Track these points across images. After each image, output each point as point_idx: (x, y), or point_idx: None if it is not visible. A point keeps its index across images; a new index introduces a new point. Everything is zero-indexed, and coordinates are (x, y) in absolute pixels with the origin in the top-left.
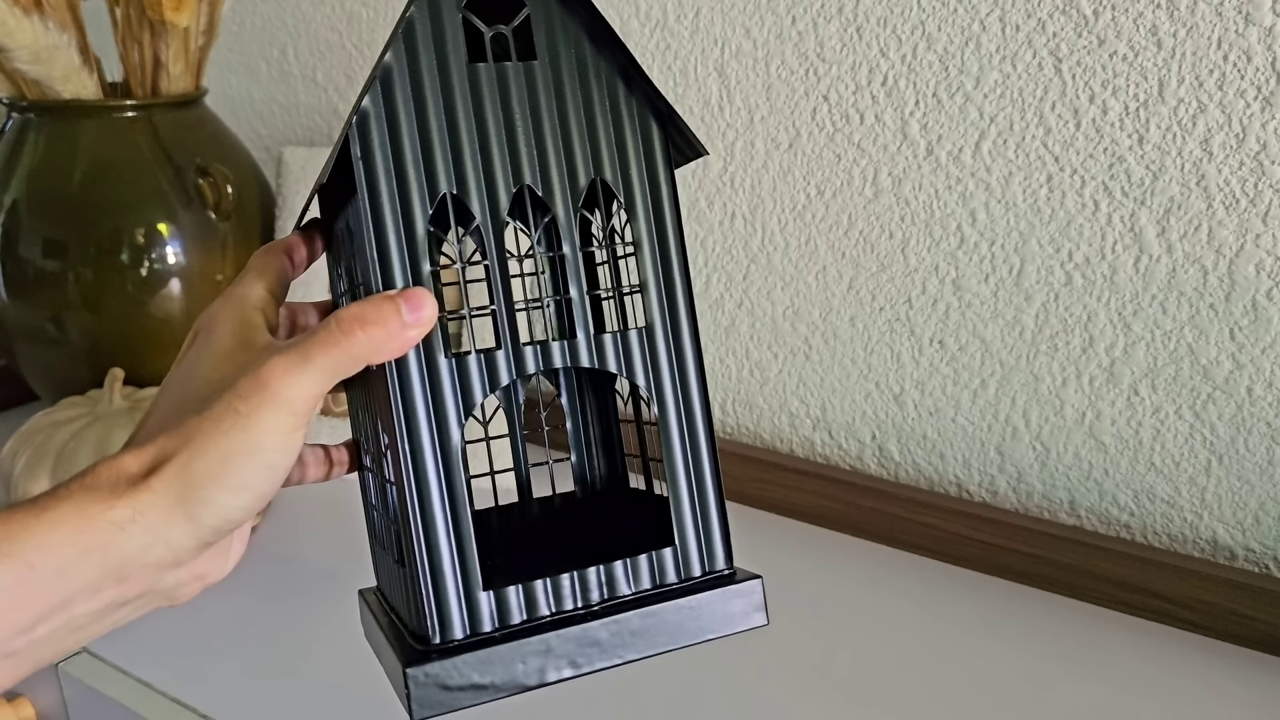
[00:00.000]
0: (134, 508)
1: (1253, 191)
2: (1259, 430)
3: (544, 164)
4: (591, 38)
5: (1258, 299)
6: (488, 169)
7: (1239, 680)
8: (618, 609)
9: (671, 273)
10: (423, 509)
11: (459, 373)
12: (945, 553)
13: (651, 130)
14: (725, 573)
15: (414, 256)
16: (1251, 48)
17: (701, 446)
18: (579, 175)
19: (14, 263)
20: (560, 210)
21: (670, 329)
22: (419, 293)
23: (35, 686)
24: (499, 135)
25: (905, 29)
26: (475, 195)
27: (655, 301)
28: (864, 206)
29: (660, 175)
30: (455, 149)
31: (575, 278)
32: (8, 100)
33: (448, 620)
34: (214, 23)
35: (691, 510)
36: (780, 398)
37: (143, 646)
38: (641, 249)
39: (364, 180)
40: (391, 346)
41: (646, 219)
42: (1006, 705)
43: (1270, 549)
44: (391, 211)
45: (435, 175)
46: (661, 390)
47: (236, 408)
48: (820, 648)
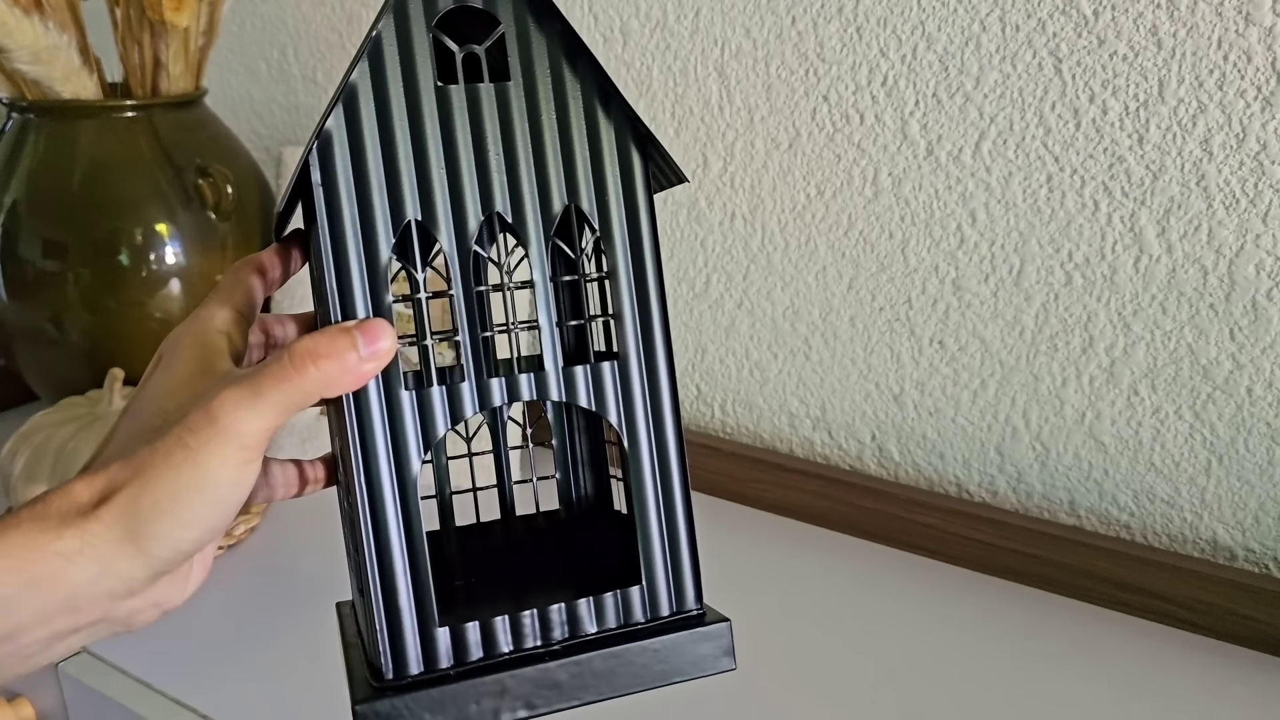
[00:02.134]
0: (81, 539)
1: (1253, 191)
2: (1259, 430)
3: (515, 190)
4: (568, 57)
5: (1258, 299)
6: (456, 195)
7: (1239, 680)
8: (579, 649)
9: (648, 303)
10: (379, 545)
11: (420, 405)
12: (945, 553)
13: (630, 155)
14: (694, 613)
15: (374, 286)
16: (1251, 48)
17: (674, 484)
18: (553, 202)
19: (14, 263)
20: (532, 238)
21: (644, 362)
22: (376, 324)
23: (35, 686)
24: (469, 160)
25: (905, 29)
26: (442, 222)
27: (630, 333)
28: (864, 206)
29: (639, 202)
30: (422, 174)
31: (545, 308)
32: (8, 100)
33: (402, 657)
34: (214, 23)
35: (661, 549)
36: (780, 398)
37: (143, 646)
38: (617, 278)
39: (324, 206)
40: (346, 380)
41: (623, 247)
42: (1006, 705)
43: (1270, 549)
44: (353, 238)
45: (400, 201)
46: (634, 426)
47: (186, 441)
48: (820, 648)
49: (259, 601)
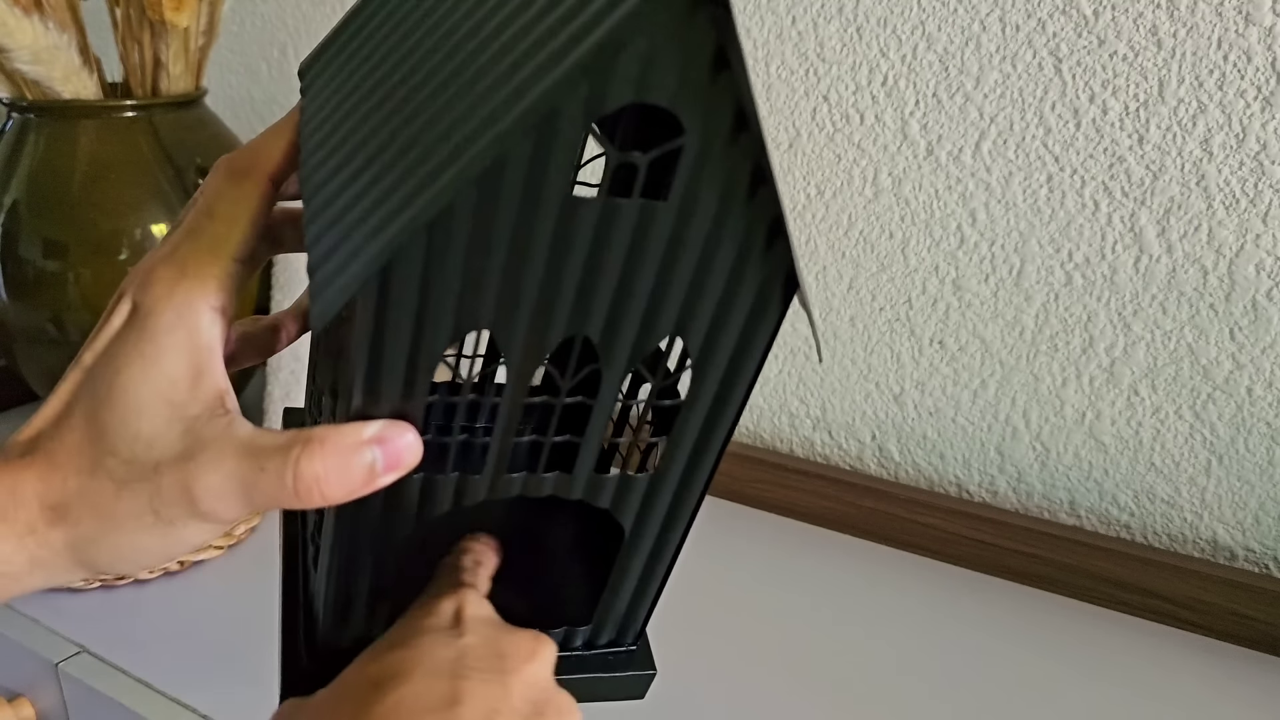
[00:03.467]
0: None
1: (1253, 191)
2: (1259, 430)
3: (617, 316)
4: (751, 185)
5: (1258, 299)
6: (543, 313)
7: (1239, 680)
8: None
9: (712, 436)
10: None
11: (424, 489)
12: (945, 553)
13: (771, 305)
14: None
15: (411, 382)
16: (1251, 48)
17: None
18: (655, 333)
19: (14, 263)
20: (615, 361)
21: (682, 484)
22: (398, 433)
23: (35, 686)
24: (574, 279)
25: (905, 29)
26: (517, 336)
27: (682, 457)
28: (864, 206)
29: (754, 350)
30: (510, 287)
31: (598, 427)
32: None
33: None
34: (214, 23)
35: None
36: (780, 398)
37: (143, 647)
38: (693, 409)
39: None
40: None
41: (713, 387)
42: (1006, 705)
43: (1270, 549)
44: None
45: (475, 310)
46: (642, 532)
47: (158, 511)
48: (820, 648)
49: (259, 601)
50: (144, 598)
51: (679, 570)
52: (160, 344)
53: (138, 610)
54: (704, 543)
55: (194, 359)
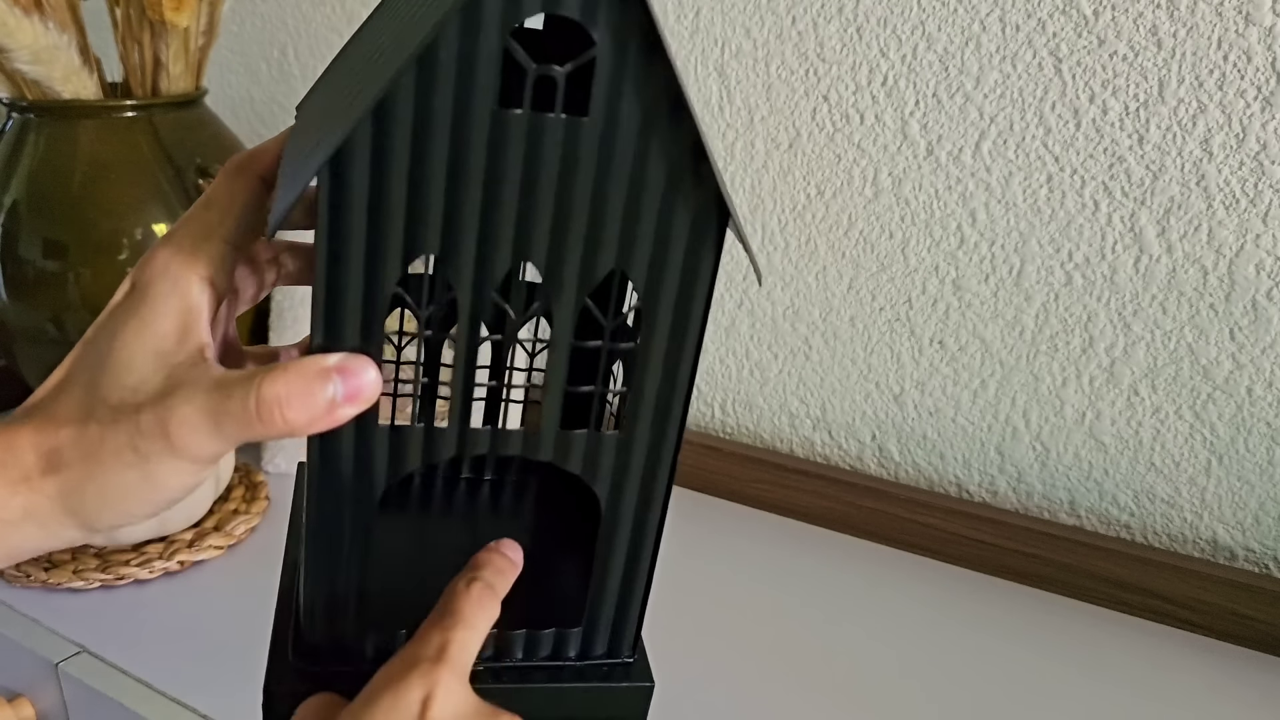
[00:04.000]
0: (25, 507)
1: (1253, 191)
2: (1259, 430)
3: (559, 242)
4: (671, 107)
5: (1258, 299)
6: (487, 237)
7: (1239, 680)
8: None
9: (674, 387)
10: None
11: (394, 442)
12: (945, 553)
13: (707, 235)
14: (625, 662)
15: (368, 320)
16: (1251, 48)
17: (644, 555)
18: (598, 264)
19: (14, 263)
20: (564, 295)
21: (651, 444)
22: (359, 366)
23: (35, 686)
24: (513, 199)
25: (905, 29)
26: (464, 263)
27: (646, 413)
28: (864, 206)
29: (699, 287)
30: (452, 207)
31: (558, 370)
32: (8, 100)
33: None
34: (214, 23)
35: (612, 606)
36: (780, 398)
37: (143, 646)
38: (648, 355)
39: (327, 228)
40: (316, 427)
41: (665, 327)
42: (1006, 705)
43: (1270, 549)
44: (356, 265)
45: (421, 234)
46: (619, 501)
47: (136, 446)
48: (820, 647)
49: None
50: (144, 598)
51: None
52: (155, 308)
53: (138, 610)
54: (704, 542)
55: (183, 319)
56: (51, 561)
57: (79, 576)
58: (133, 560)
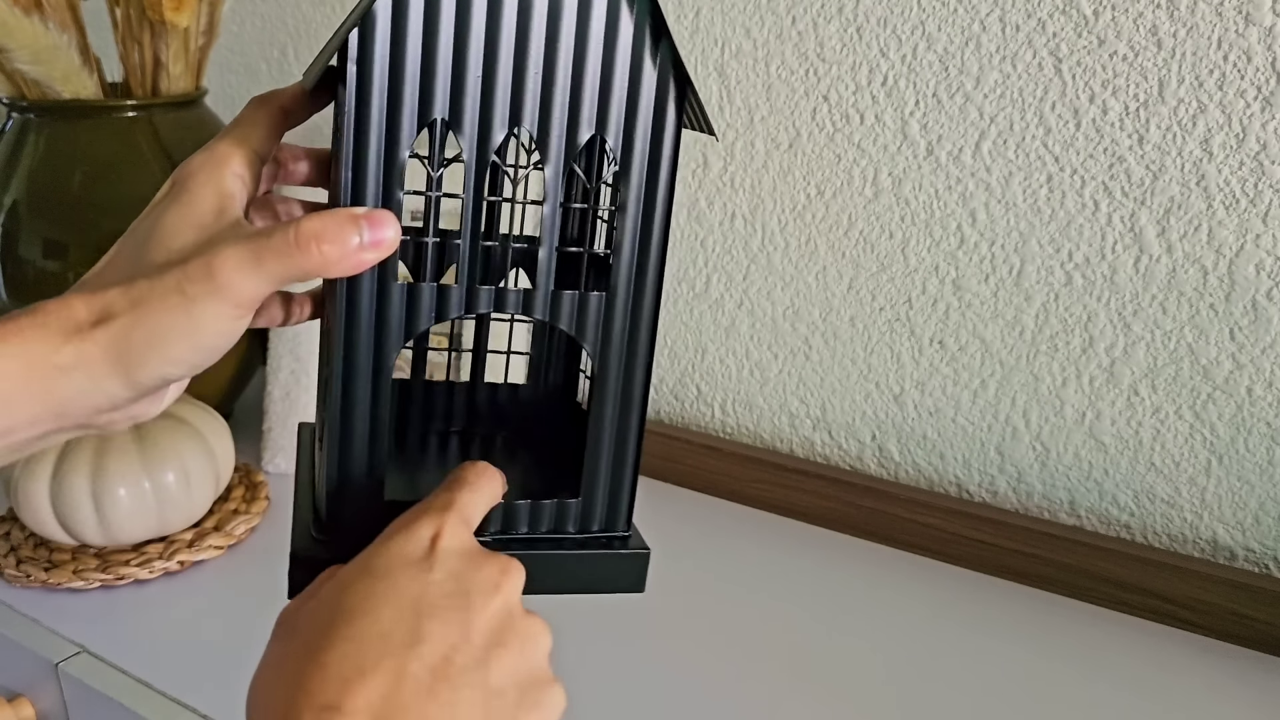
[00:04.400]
0: (78, 355)
1: (1253, 191)
2: (1259, 430)
3: (546, 110)
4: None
5: (1258, 299)
6: (487, 103)
7: (1239, 680)
8: (508, 545)
9: (649, 244)
10: (344, 426)
11: (409, 301)
12: (945, 553)
13: (668, 98)
14: (621, 534)
15: (388, 179)
16: (1251, 48)
17: (632, 418)
18: (580, 128)
19: (14, 263)
20: (551, 160)
21: (632, 300)
22: (383, 216)
23: (35, 686)
24: (507, 70)
25: (905, 29)
26: (468, 127)
27: (624, 270)
28: (864, 206)
29: (665, 146)
30: (458, 76)
31: (550, 230)
32: (8, 100)
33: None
34: (214, 23)
35: (606, 474)
36: (780, 398)
37: (143, 646)
38: (625, 214)
39: (354, 92)
40: (345, 265)
41: (638, 187)
42: (1006, 705)
43: (1270, 549)
44: (376, 128)
45: (431, 99)
46: (607, 357)
47: (184, 288)
48: (821, 647)
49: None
50: (144, 598)
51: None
52: (194, 194)
53: (138, 610)
54: (704, 542)
55: (219, 201)
56: (51, 562)
57: (79, 576)
58: (133, 560)
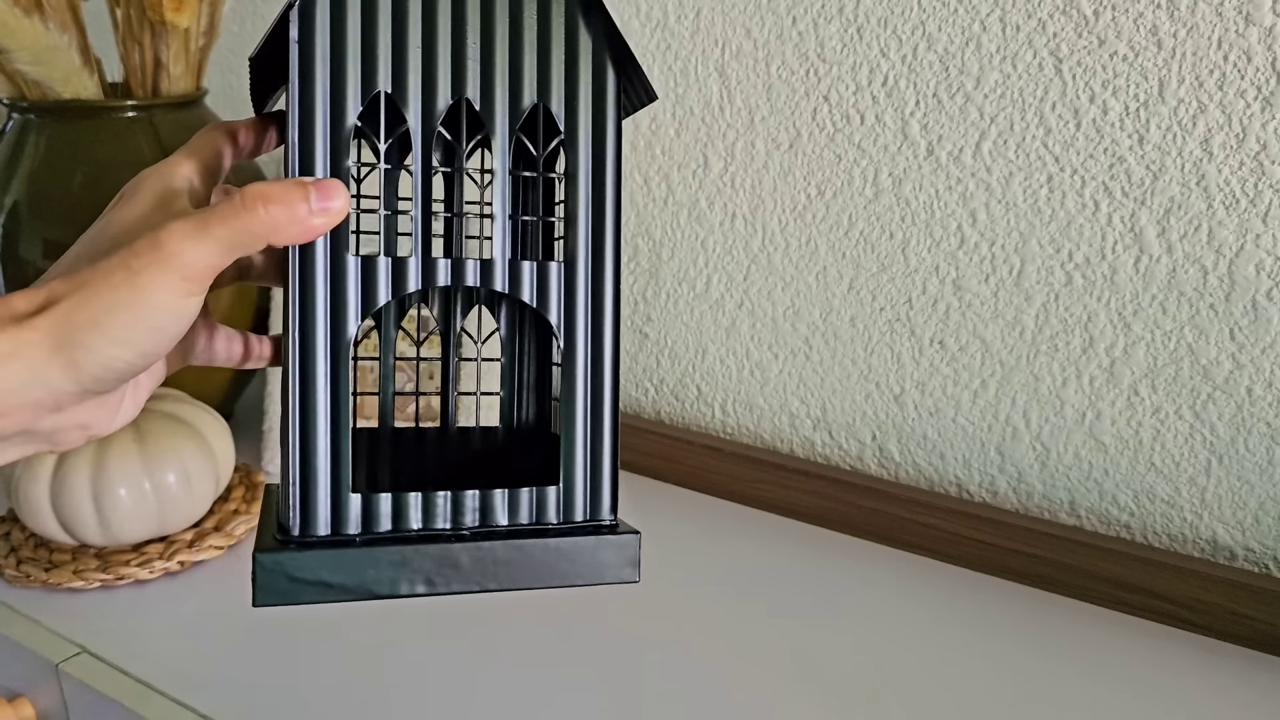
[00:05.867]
0: (14, 344)
1: (1253, 191)
2: (1259, 430)
3: (488, 79)
4: None
5: (1258, 299)
6: (429, 73)
7: (1239, 680)
8: (487, 537)
9: (603, 209)
10: (304, 401)
11: (364, 273)
12: (945, 553)
13: (605, 64)
14: (607, 523)
15: (336, 149)
16: (1251, 48)
17: (605, 392)
18: (522, 96)
19: (14, 264)
20: (497, 129)
21: (592, 267)
22: (331, 183)
23: (35, 686)
24: (446, 41)
25: (905, 29)
26: (411, 98)
27: (581, 236)
28: (864, 207)
29: (607, 109)
30: (398, 47)
31: (501, 199)
32: (8, 101)
33: (311, 515)
34: (214, 23)
35: (583, 455)
36: (780, 398)
37: (143, 646)
38: (575, 181)
39: (297, 64)
40: (294, 230)
41: (585, 151)
42: (1006, 705)
43: (1270, 549)
44: (321, 100)
45: (373, 71)
46: (573, 329)
47: (129, 263)
48: (820, 647)
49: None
50: (144, 598)
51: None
52: (141, 194)
53: (138, 610)
54: (704, 542)
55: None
56: (51, 562)
57: (79, 576)
58: (133, 560)
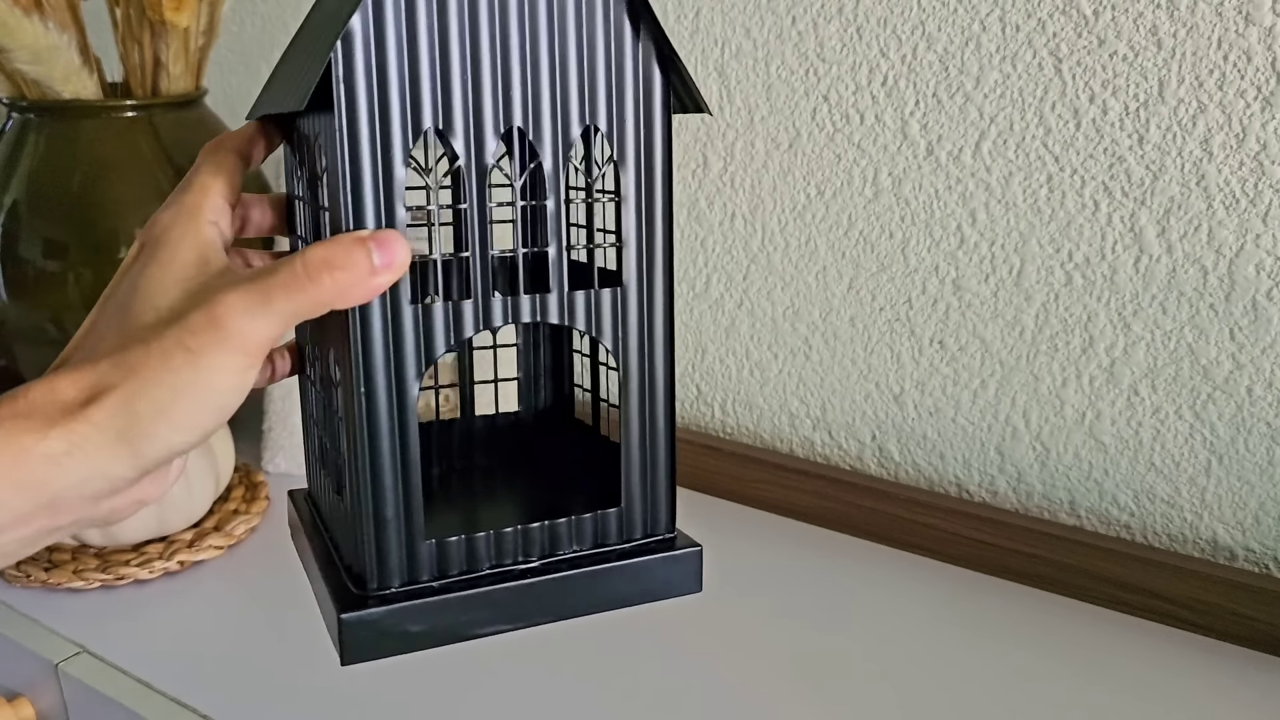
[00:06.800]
0: (70, 440)
1: (1253, 191)
2: (1259, 430)
3: (537, 106)
4: None
5: (1258, 299)
6: (477, 106)
7: (1239, 680)
8: (558, 567)
9: (654, 230)
10: (373, 460)
11: (424, 322)
12: (945, 553)
13: (654, 78)
14: (666, 537)
15: (389, 197)
16: (1251, 48)
17: (660, 414)
18: (573, 121)
19: (14, 263)
20: (548, 158)
21: (646, 290)
22: (392, 236)
23: (35, 686)
24: (493, 71)
25: (905, 29)
26: (461, 133)
27: (633, 259)
28: (864, 207)
29: (656, 126)
30: (444, 82)
31: (555, 232)
32: (8, 100)
33: (387, 567)
34: (214, 23)
35: (642, 476)
36: (780, 398)
37: (143, 646)
38: (627, 203)
39: (343, 110)
40: (359, 293)
41: (637, 173)
42: (1006, 705)
43: (1270, 549)
44: (370, 145)
45: (420, 109)
46: (627, 353)
47: (187, 344)
48: (821, 648)
49: (259, 601)
50: (144, 598)
51: None
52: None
53: (138, 610)
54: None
55: (201, 252)
56: (51, 561)
57: (79, 576)
58: (133, 560)
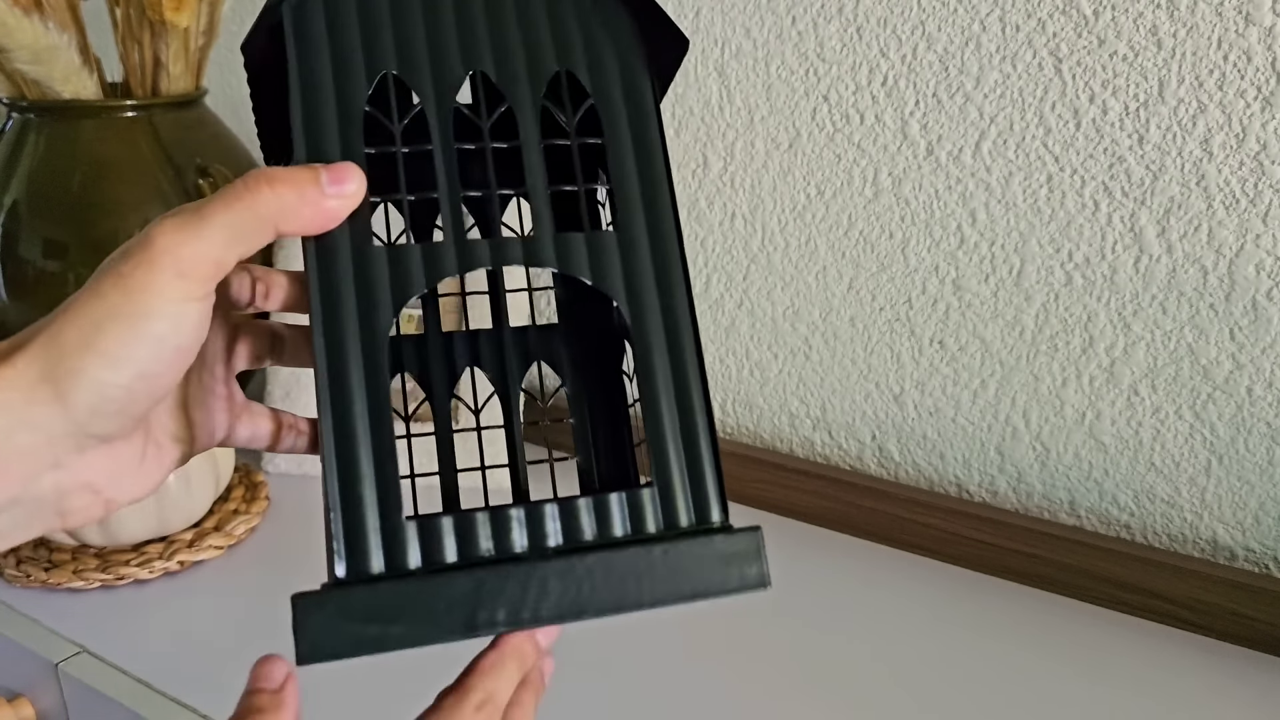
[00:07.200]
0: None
1: (1253, 191)
2: (1259, 430)
3: (503, 47)
4: None
5: (1258, 299)
6: (438, 48)
7: (1239, 680)
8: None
9: (652, 177)
10: (338, 413)
11: (395, 260)
12: (945, 553)
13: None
14: (717, 524)
15: (348, 132)
16: (1251, 48)
17: (690, 373)
18: (545, 61)
19: (14, 263)
20: (521, 95)
21: (651, 234)
22: (344, 166)
23: (35, 686)
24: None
25: (905, 29)
26: (422, 76)
27: (635, 203)
28: (864, 207)
29: (639, 73)
30: (403, 24)
31: (535, 168)
32: (8, 100)
33: (360, 548)
34: (214, 23)
35: (676, 449)
36: (780, 398)
37: (143, 646)
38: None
39: (295, 54)
40: (305, 213)
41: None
42: (1007, 705)
43: (1270, 549)
44: (328, 86)
45: (378, 52)
46: (640, 304)
47: (119, 269)
48: (820, 648)
49: (259, 601)
50: (144, 598)
51: None
52: None
53: (138, 610)
54: None
55: None
56: (51, 562)
57: (79, 576)
58: (133, 560)
